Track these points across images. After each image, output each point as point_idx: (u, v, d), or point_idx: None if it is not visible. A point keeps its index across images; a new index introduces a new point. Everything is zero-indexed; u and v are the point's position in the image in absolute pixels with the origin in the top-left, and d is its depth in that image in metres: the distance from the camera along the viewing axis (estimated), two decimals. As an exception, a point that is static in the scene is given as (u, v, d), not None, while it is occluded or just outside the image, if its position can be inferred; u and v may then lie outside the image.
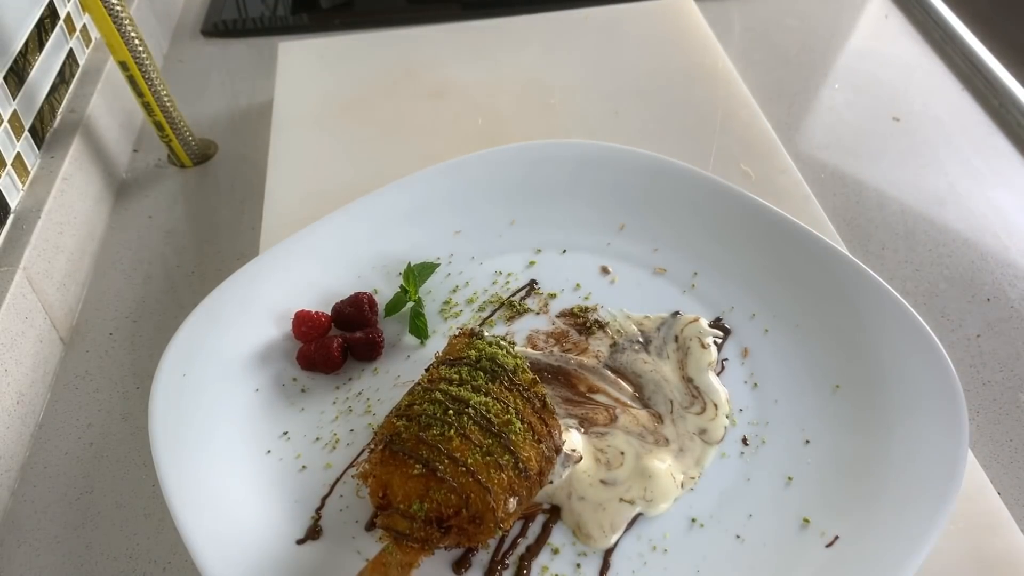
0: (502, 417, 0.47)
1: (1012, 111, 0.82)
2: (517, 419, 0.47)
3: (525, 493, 0.47)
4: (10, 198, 0.66)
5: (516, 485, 0.46)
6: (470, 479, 0.45)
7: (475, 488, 0.45)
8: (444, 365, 0.50)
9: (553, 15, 0.97)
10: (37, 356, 0.62)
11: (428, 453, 0.45)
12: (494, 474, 0.45)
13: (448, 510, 0.45)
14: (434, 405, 0.47)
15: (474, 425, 0.46)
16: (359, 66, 0.91)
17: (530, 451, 0.47)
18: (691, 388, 0.57)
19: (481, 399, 0.47)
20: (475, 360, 0.50)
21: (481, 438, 0.46)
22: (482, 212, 0.69)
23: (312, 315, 0.60)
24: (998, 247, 0.70)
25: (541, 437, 0.48)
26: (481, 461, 0.45)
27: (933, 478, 0.48)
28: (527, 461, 0.46)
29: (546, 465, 0.48)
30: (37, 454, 0.59)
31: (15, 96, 0.68)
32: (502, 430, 0.46)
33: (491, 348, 0.51)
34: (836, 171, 0.78)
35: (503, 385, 0.49)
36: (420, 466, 0.45)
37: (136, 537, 0.54)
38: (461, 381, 0.49)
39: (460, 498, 0.44)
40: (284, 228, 0.68)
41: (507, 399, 0.48)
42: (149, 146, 0.86)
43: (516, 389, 0.49)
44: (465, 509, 0.45)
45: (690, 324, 0.60)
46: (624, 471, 0.52)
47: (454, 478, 0.45)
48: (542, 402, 0.49)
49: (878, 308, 0.57)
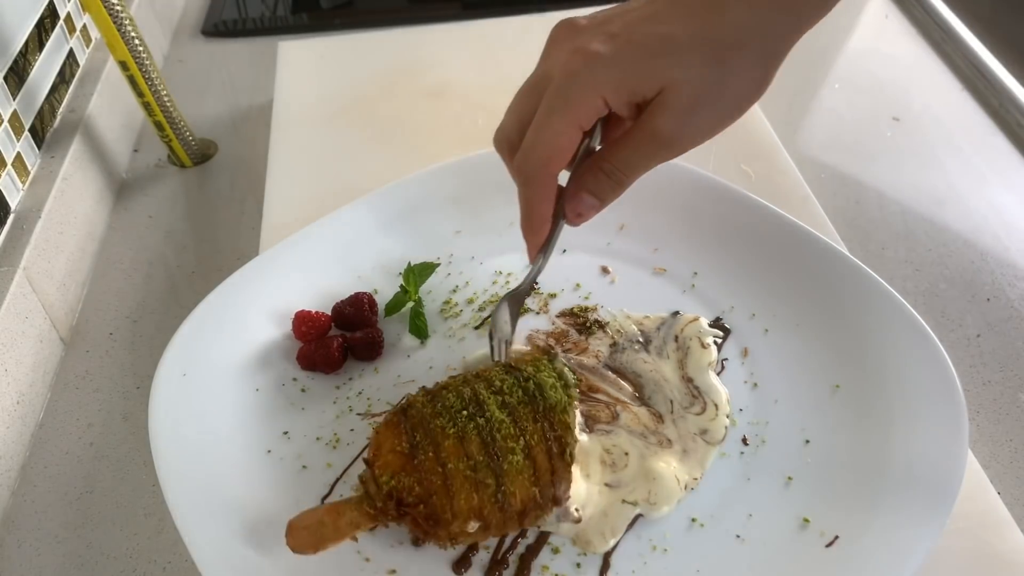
0: (507, 443, 0.45)
1: (1012, 111, 0.82)
2: (522, 452, 0.45)
3: (495, 522, 0.45)
4: (10, 198, 0.66)
5: (487, 511, 0.45)
6: (439, 482, 0.44)
7: (440, 492, 0.44)
8: (500, 367, 0.49)
9: (553, 15, 0.97)
10: (37, 356, 0.62)
11: (420, 438, 0.45)
12: (466, 490, 0.44)
13: (409, 497, 0.45)
14: (458, 398, 0.47)
15: (476, 436, 0.45)
16: (359, 66, 0.91)
17: (519, 488, 0.45)
18: (691, 388, 0.57)
19: (500, 416, 0.46)
20: (525, 378, 0.48)
21: (475, 451, 0.45)
22: (482, 212, 0.69)
23: (312, 315, 0.60)
24: (998, 247, 0.70)
25: (540, 481, 0.45)
26: (461, 471, 0.44)
27: (933, 478, 0.48)
28: (510, 495, 0.45)
29: (534, 509, 0.46)
30: (37, 454, 0.59)
31: (15, 96, 0.68)
32: (499, 454, 0.45)
33: (547, 375, 0.48)
34: (836, 171, 0.78)
35: (532, 414, 0.47)
36: (407, 445, 0.45)
37: (136, 537, 0.54)
38: (498, 390, 0.47)
39: (424, 493, 0.44)
40: (284, 228, 0.68)
41: (526, 429, 0.46)
42: (149, 146, 0.86)
43: (542, 424, 0.46)
44: (424, 505, 0.44)
45: (690, 324, 0.60)
46: (629, 472, 0.52)
47: (426, 473, 0.44)
48: (561, 449, 0.46)
49: (878, 308, 0.57)
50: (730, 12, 0.41)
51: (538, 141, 0.44)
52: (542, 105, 0.44)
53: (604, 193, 0.47)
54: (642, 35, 0.42)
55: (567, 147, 0.44)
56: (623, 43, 0.42)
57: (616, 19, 0.44)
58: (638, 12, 0.43)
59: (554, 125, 0.44)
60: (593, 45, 0.42)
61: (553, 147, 0.44)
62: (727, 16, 0.41)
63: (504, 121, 0.48)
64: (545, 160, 0.45)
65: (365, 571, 0.48)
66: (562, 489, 0.46)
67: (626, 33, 0.42)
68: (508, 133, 0.48)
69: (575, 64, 0.43)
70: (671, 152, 0.44)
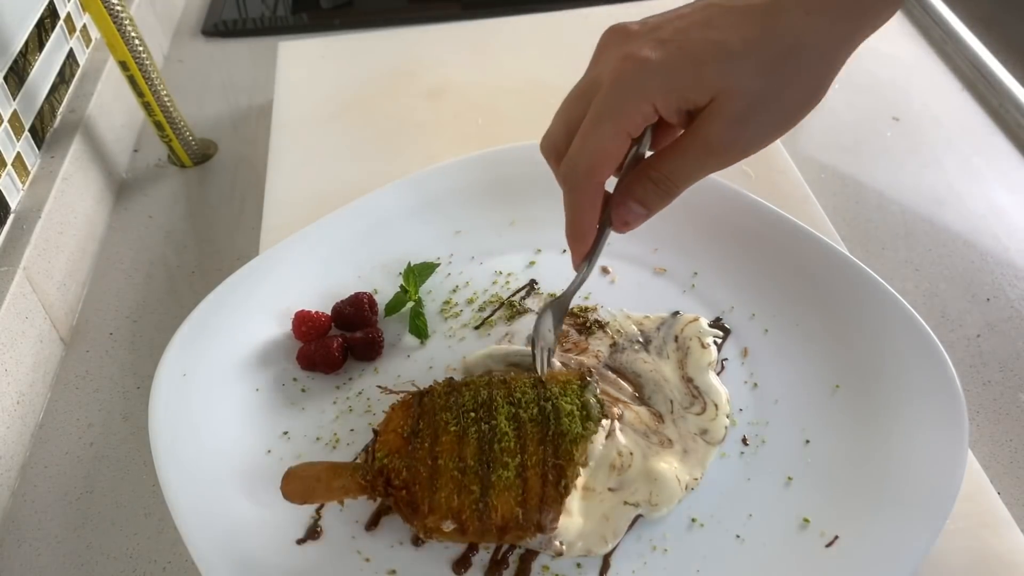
0: (502, 457, 0.45)
1: (1012, 111, 0.82)
2: (515, 470, 0.45)
3: (472, 529, 0.45)
4: (10, 198, 0.66)
5: (464, 516, 0.44)
6: (426, 474, 0.45)
7: (423, 484, 0.45)
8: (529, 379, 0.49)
9: (553, 15, 0.97)
10: (37, 356, 0.62)
11: (423, 426, 0.46)
12: (448, 489, 0.44)
13: (396, 480, 0.45)
14: (473, 399, 0.47)
15: (475, 440, 0.45)
16: (359, 66, 0.91)
17: (502, 503, 0.45)
18: (691, 388, 0.56)
19: (505, 429, 0.46)
20: (546, 397, 0.48)
21: (469, 455, 0.45)
22: (482, 212, 0.69)
23: (312, 315, 0.60)
24: (998, 247, 0.70)
25: (527, 504, 0.45)
26: (450, 470, 0.45)
27: (933, 478, 0.48)
28: (492, 508, 0.44)
29: (516, 528, 0.45)
30: (37, 454, 0.59)
31: (15, 96, 0.68)
32: (491, 465, 0.45)
33: (569, 402, 0.48)
34: (836, 171, 0.78)
35: (539, 435, 0.46)
36: (409, 430, 0.46)
37: (136, 537, 0.54)
38: (515, 401, 0.47)
39: (408, 479, 0.45)
40: (284, 228, 0.68)
41: (527, 448, 0.45)
42: (149, 146, 0.86)
43: (546, 448, 0.46)
44: (405, 491, 0.45)
45: (690, 324, 0.60)
46: (632, 473, 0.52)
47: (416, 461, 0.45)
48: (557, 478, 0.45)
49: (878, 308, 0.57)
50: (786, 19, 0.40)
51: (585, 148, 0.43)
52: (590, 112, 0.43)
53: (652, 202, 0.46)
54: (694, 41, 0.41)
55: (615, 154, 0.43)
56: (674, 49, 0.41)
57: (667, 25, 0.43)
58: (690, 18, 0.42)
59: (602, 132, 0.42)
60: (644, 51, 0.41)
61: (601, 154, 0.43)
62: (782, 23, 0.40)
63: (551, 127, 0.47)
64: (592, 167, 0.44)
65: (365, 571, 0.48)
66: (548, 518, 0.46)
67: (678, 39, 0.41)
68: (555, 139, 0.47)
69: (625, 70, 0.42)
70: (722, 162, 0.43)
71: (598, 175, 0.44)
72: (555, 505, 0.46)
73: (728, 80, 0.41)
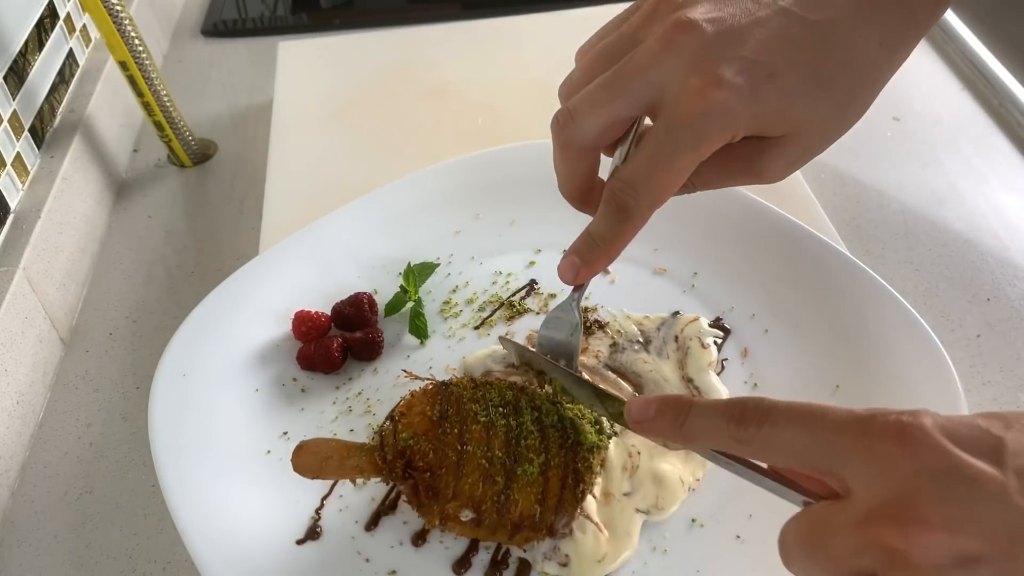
0: (527, 453, 0.45)
1: (1012, 111, 0.82)
2: (539, 467, 0.45)
3: (488, 522, 0.45)
4: (10, 198, 0.66)
5: (484, 507, 0.44)
6: (454, 458, 0.45)
7: (450, 468, 0.44)
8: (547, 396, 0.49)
9: (553, 15, 0.97)
10: (37, 356, 0.62)
11: (452, 412, 0.46)
12: (474, 476, 0.44)
13: (420, 462, 0.45)
14: (499, 396, 0.47)
15: (503, 433, 0.46)
16: (359, 66, 0.91)
17: (523, 498, 0.45)
18: (691, 388, 0.56)
19: (531, 428, 0.46)
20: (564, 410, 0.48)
21: (496, 446, 0.45)
22: (482, 212, 0.69)
23: (312, 315, 0.60)
24: (998, 247, 0.70)
25: (545, 503, 0.45)
26: (477, 458, 0.45)
27: (933, 478, 0.48)
28: (513, 501, 0.45)
29: (529, 528, 0.45)
30: (37, 454, 0.59)
31: (15, 96, 0.68)
32: (517, 459, 0.45)
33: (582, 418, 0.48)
34: (836, 171, 0.78)
35: (560, 440, 0.46)
36: (437, 415, 0.46)
37: (136, 537, 0.54)
38: (536, 407, 0.48)
39: (434, 462, 0.45)
40: (284, 228, 0.68)
41: (550, 449, 0.46)
42: (149, 146, 0.86)
43: (567, 453, 0.46)
44: (430, 474, 0.45)
45: (690, 324, 0.60)
46: (641, 472, 0.51)
47: (445, 446, 0.45)
48: (576, 481, 0.46)
49: (878, 308, 0.57)
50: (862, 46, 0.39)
51: (656, 180, 0.39)
52: (664, 134, 0.38)
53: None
54: (784, 69, 0.38)
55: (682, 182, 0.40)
56: (763, 79, 0.38)
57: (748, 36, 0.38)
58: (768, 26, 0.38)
59: (681, 165, 0.39)
60: (727, 73, 0.37)
61: (673, 187, 0.40)
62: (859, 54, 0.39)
63: (575, 77, 0.44)
64: (659, 200, 0.40)
65: (365, 571, 0.48)
66: (561, 523, 0.46)
67: (766, 65, 0.38)
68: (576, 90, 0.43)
69: (712, 99, 0.37)
70: (759, 183, 0.43)
71: (661, 204, 0.41)
72: (570, 508, 0.46)
73: (809, 117, 0.39)
